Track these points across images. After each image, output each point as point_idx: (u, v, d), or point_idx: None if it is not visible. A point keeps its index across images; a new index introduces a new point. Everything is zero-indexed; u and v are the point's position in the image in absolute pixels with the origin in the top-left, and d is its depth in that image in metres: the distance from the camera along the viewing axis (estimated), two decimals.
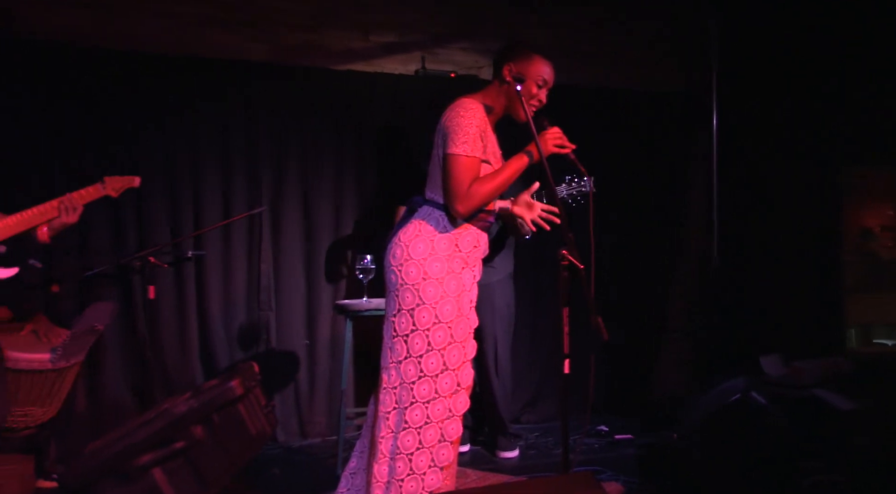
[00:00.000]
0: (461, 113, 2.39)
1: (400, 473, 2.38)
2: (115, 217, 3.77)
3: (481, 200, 2.38)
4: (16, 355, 2.99)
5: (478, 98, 2.49)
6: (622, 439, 3.95)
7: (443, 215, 2.44)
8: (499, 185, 2.40)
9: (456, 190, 2.35)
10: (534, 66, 2.49)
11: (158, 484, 2.79)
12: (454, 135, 2.36)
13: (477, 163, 2.38)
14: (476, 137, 2.37)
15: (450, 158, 2.36)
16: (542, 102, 2.53)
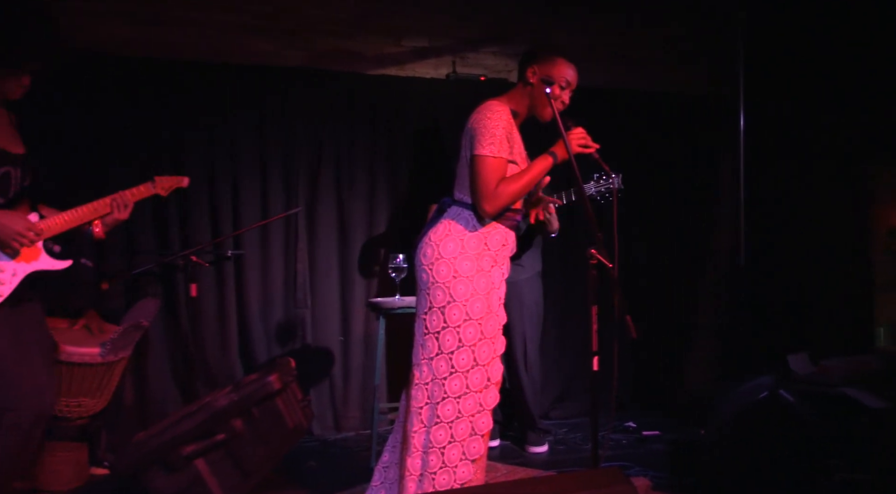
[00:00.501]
0: (487, 115, 2.42)
1: (433, 466, 2.41)
2: (160, 219, 3.86)
3: (508, 199, 2.41)
4: (70, 349, 3.09)
5: (504, 100, 2.51)
6: (650, 435, 3.94)
7: (471, 214, 2.46)
8: (525, 184, 2.43)
9: (483, 190, 2.38)
10: (557, 68, 2.50)
11: (201, 474, 2.86)
12: (481, 137, 2.39)
13: (503, 163, 2.41)
14: (502, 138, 2.40)
15: (477, 159, 2.39)
16: (565, 103, 2.54)
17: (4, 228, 2.24)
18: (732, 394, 3.02)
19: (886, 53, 4.02)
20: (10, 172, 2.31)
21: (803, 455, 2.79)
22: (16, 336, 2.28)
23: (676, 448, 3.28)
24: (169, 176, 2.69)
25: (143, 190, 2.59)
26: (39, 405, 2.32)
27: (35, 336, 2.40)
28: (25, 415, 2.26)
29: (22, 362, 2.28)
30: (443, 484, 2.40)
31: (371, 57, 4.21)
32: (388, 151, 4.25)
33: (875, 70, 4.09)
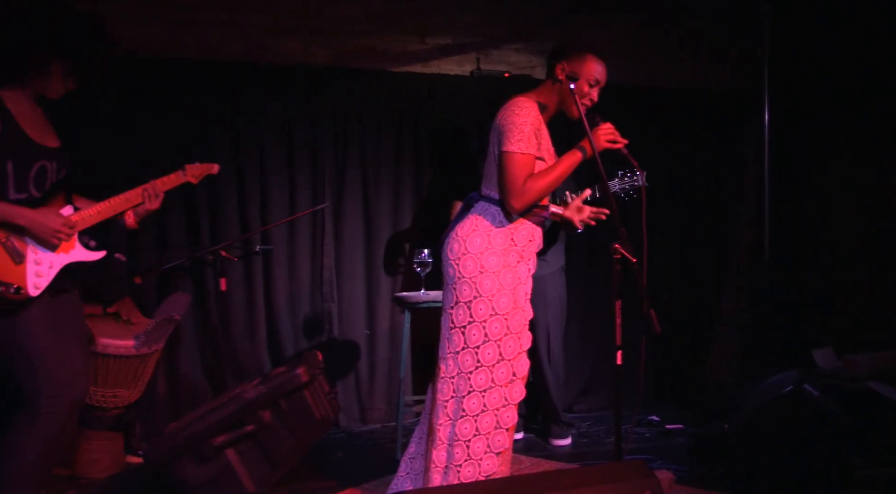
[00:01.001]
0: (515, 111, 2.41)
1: (458, 459, 2.41)
2: (191, 215, 3.90)
3: (536, 195, 2.39)
4: (105, 341, 3.14)
5: (531, 97, 2.50)
6: (673, 429, 3.91)
7: (499, 210, 2.45)
8: (553, 180, 2.41)
9: (511, 186, 2.37)
10: (586, 65, 2.47)
11: (231, 464, 2.90)
12: (509, 133, 2.38)
13: (531, 160, 2.39)
14: (530, 134, 2.38)
15: (505, 155, 2.38)
16: (594, 100, 2.52)
17: (42, 226, 2.28)
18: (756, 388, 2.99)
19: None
20: (46, 165, 2.35)
21: (828, 449, 2.76)
22: (55, 326, 2.33)
23: (700, 441, 3.26)
24: (199, 164, 2.70)
25: (173, 178, 2.60)
26: (75, 392, 2.37)
27: (73, 326, 2.45)
28: (62, 402, 2.31)
29: (60, 351, 2.32)
30: (468, 476, 2.41)
31: (396, 55, 4.21)
32: (413, 148, 4.25)
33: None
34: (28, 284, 2.24)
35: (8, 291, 2.18)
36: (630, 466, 1.96)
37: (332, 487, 3.04)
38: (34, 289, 2.25)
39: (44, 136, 2.37)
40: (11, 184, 2.26)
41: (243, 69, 3.95)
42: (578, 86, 2.46)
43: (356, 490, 3.01)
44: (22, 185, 2.29)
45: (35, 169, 2.32)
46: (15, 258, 2.24)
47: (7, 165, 2.25)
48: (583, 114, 2.41)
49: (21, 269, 2.24)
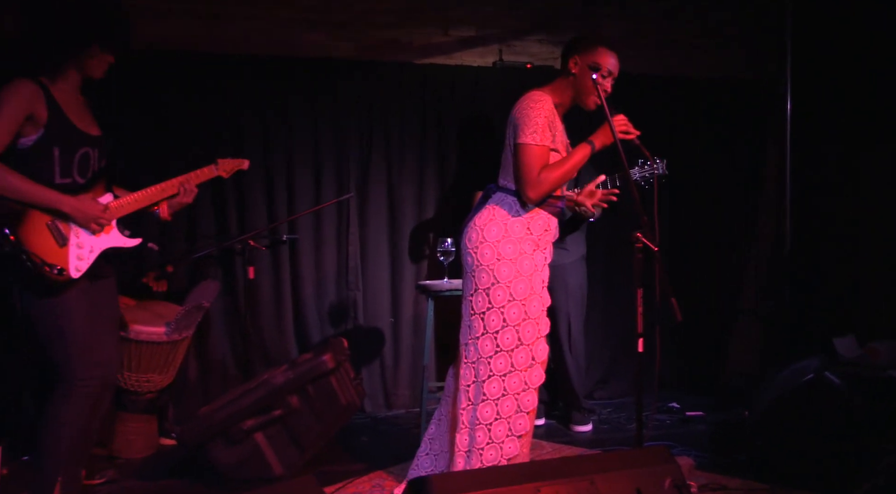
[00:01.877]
0: (530, 105, 2.43)
1: (480, 442, 2.44)
2: (219, 205, 3.94)
3: (551, 185, 2.42)
4: (138, 328, 3.20)
5: (546, 91, 2.52)
6: (693, 416, 3.89)
7: (515, 200, 2.48)
8: (566, 171, 2.43)
9: (526, 177, 2.39)
10: (599, 57, 2.48)
11: (260, 447, 2.95)
12: (524, 125, 2.40)
13: (546, 151, 2.42)
14: (545, 126, 2.41)
15: (520, 147, 2.41)
16: (607, 91, 2.52)
17: (83, 213, 2.33)
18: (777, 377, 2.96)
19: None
20: (89, 152, 2.41)
21: (849, 437, 2.72)
22: (91, 311, 2.38)
23: (720, 428, 3.24)
24: (231, 159, 2.75)
25: (206, 172, 2.66)
26: (106, 375, 2.43)
27: (108, 311, 2.50)
28: (93, 384, 2.36)
29: (94, 335, 2.38)
30: (490, 459, 2.43)
31: (419, 47, 4.20)
32: (437, 138, 4.25)
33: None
34: (70, 266, 2.29)
35: (52, 271, 2.23)
36: (652, 452, 1.96)
37: (358, 470, 3.07)
38: (76, 271, 2.30)
39: (87, 124, 2.43)
40: (57, 169, 2.32)
41: (269, 63, 3.96)
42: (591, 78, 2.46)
43: (381, 472, 3.03)
44: (67, 170, 2.34)
45: (79, 155, 2.37)
46: (59, 241, 2.29)
47: (54, 151, 2.31)
48: (604, 102, 2.41)
49: (64, 251, 2.30)
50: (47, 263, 2.23)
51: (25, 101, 2.25)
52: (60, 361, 2.32)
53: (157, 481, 3.01)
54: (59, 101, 2.34)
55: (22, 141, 2.28)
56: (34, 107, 2.27)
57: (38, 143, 2.28)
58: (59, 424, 2.33)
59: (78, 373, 2.32)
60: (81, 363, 2.32)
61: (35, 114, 2.27)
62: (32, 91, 2.27)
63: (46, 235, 2.27)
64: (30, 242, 2.22)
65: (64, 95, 2.36)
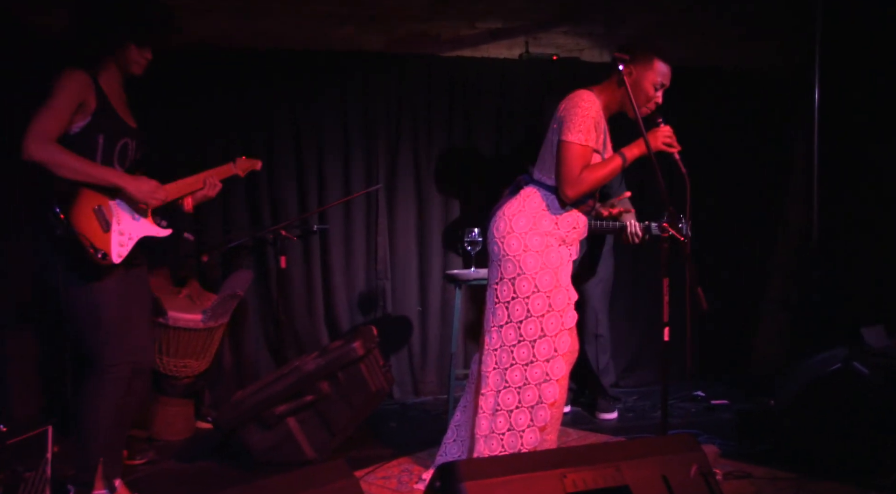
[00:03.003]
0: (578, 103, 2.40)
1: (500, 427, 2.44)
2: (252, 197, 3.98)
3: (590, 186, 2.40)
4: (176, 315, 3.25)
5: (595, 91, 2.49)
6: (718, 404, 3.84)
7: (547, 194, 2.47)
8: (607, 174, 2.41)
9: (567, 175, 2.38)
10: (654, 69, 2.45)
11: (292, 431, 2.98)
12: (569, 123, 2.38)
13: (589, 151, 2.40)
14: (590, 127, 2.38)
15: (563, 144, 2.38)
16: (658, 103, 2.49)
17: (139, 189, 2.39)
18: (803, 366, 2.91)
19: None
20: (129, 143, 2.46)
21: (876, 427, 2.67)
22: (125, 298, 2.42)
23: (745, 417, 3.19)
24: (248, 159, 2.80)
25: (225, 169, 2.73)
26: (138, 362, 2.47)
27: (141, 299, 2.55)
28: (125, 370, 2.40)
29: (127, 322, 2.42)
30: (511, 445, 2.43)
31: (446, 40, 4.18)
32: (464, 130, 4.23)
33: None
34: (113, 251, 2.34)
35: (96, 255, 2.28)
36: (677, 439, 1.93)
37: (386, 455, 3.09)
38: (117, 257, 2.35)
39: (127, 116, 2.49)
40: (99, 156, 2.38)
41: (299, 57, 3.98)
42: (643, 90, 2.44)
43: (409, 457, 3.05)
44: (108, 158, 2.40)
45: (120, 145, 2.42)
46: (104, 226, 2.34)
47: (98, 138, 2.36)
48: (640, 120, 2.37)
49: (108, 237, 2.34)
50: (95, 246, 2.27)
51: (78, 89, 2.30)
52: (93, 345, 2.36)
53: (193, 462, 3.07)
54: (106, 91, 2.40)
55: (70, 128, 2.33)
56: (85, 95, 2.32)
57: (84, 130, 2.34)
58: (93, 409, 2.38)
59: (108, 358, 2.36)
60: (112, 349, 2.36)
61: (86, 102, 2.33)
62: (84, 80, 2.33)
63: (93, 219, 2.31)
64: (80, 224, 2.26)
65: (109, 87, 2.42)
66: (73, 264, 2.29)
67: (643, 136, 2.37)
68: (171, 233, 2.54)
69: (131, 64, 2.43)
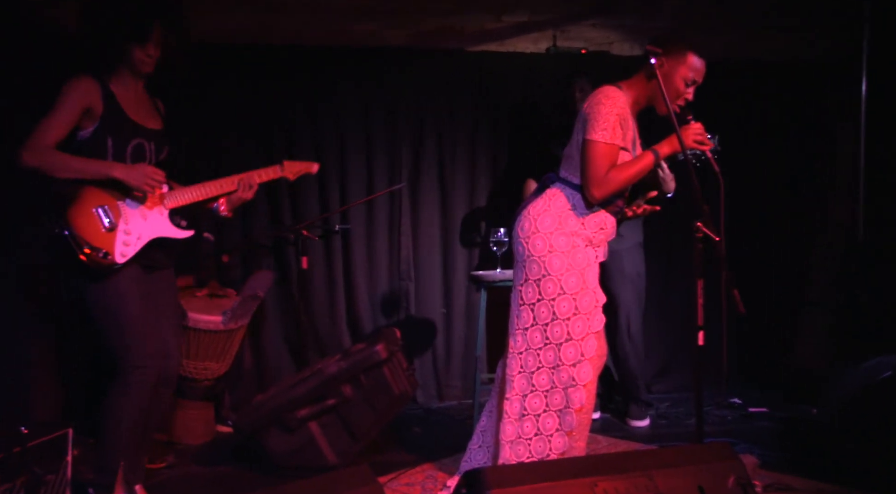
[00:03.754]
0: (602, 100, 2.38)
1: (527, 432, 2.42)
2: (273, 196, 4.00)
3: (617, 186, 2.38)
4: (196, 316, 3.28)
5: (621, 87, 2.46)
6: (757, 412, 3.78)
7: (573, 193, 2.45)
8: (636, 173, 2.39)
9: (593, 175, 2.36)
10: (686, 64, 2.41)
11: (314, 436, 2.99)
12: (594, 121, 2.36)
13: (615, 150, 2.37)
14: (615, 124, 2.35)
15: (589, 143, 2.37)
16: (689, 100, 2.46)
17: (135, 174, 2.38)
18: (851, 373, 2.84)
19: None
20: (143, 144, 2.49)
21: None
22: (148, 300, 2.45)
23: (786, 426, 3.14)
24: (299, 161, 2.75)
25: (269, 172, 2.69)
26: (163, 365, 2.49)
27: (166, 302, 2.57)
28: (150, 373, 2.43)
29: (150, 323, 2.45)
30: (538, 451, 2.41)
31: (471, 34, 4.17)
32: (489, 127, 4.22)
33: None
34: (115, 251, 2.36)
35: (96, 254, 2.31)
36: (713, 448, 1.90)
37: (409, 461, 3.09)
38: (121, 257, 2.37)
39: (145, 118, 2.52)
40: (110, 157, 2.41)
41: (321, 53, 4.00)
42: (674, 85, 2.41)
43: (433, 464, 3.05)
44: (120, 160, 2.43)
45: (132, 146, 2.46)
46: (107, 226, 2.37)
47: (107, 141, 2.41)
48: (673, 115, 2.33)
49: (111, 236, 2.37)
50: (93, 246, 2.30)
51: (82, 95, 2.36)
52: (116, 347, 2.40)
53: (214, 467, 3.09)
54: (117, 94, 2.44)
55: (80, 134, 2.39)
56: (91, 101, 2.37)
57: (93, 134, 2.39)
58: (118, 412, 2.41)
59: (132, 361, 2.39)
60: (136, 352, 2.39)
61: (92, 107, 2.38)
62: (89, 85, 2.38)
63: (93, 219, 2.34)
64: (77, 224, 2.30)
65: (121, 89, 2.46)
66: (72, 263, 2.32)
67: (676, 132, 2.33)
68: (192, 234, 2.56)
69: (138, 64, 2.45)
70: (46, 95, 2.38)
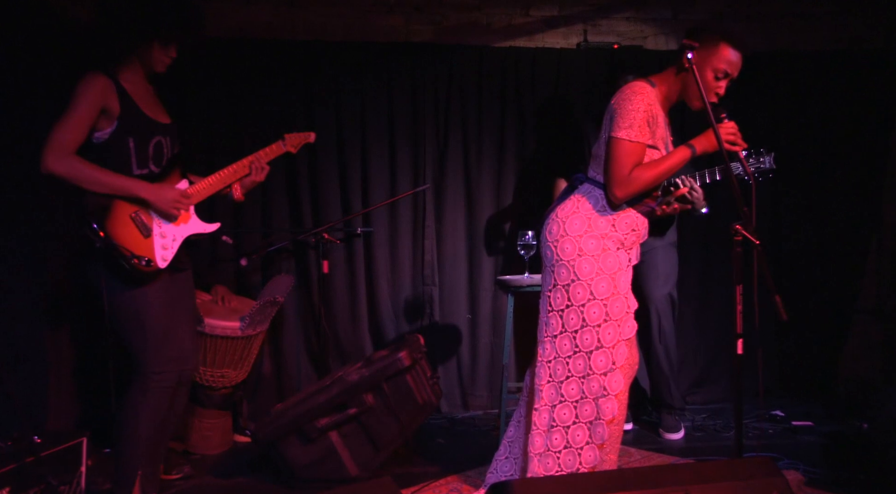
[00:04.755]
0: (630, 96, 2.35)
1: (556, 445, 2.40)
2: (293, 197, 4.03)
3: (641, 186, 2.35)
4: (213, 322, 3.31)
5: (651, 82, 2.43)
6: (801, 425, 3.70)
7: (603, 194, 2.42)
8: (661, 173, 2.36)
9: (616, 174, 2.33)
10: (719, 53, 2.36)
11: (335, 446, 2.99)
12: (620, 118, 2.33)
13: (641, 148, 2.34)
14: (642, 122, 2.33)
15: (614, 141, 2.34)
16: (720, 94, 2.41)
17: (162, 199, 2.45)
18: None
19: None
20: (162, 141, 2.53)
21: None
22: (170, 303, 2.49)
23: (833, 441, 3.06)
24: (297, 133, 2.83)
25: (274, 149, 2.76)
26: (182, 370, 2.53)
27: (185, 305, 2.61)
28: (170, 377, 2.46)
29: (172, 328, 2.48)
30: (568, 465, 2.38)
31: (499, 29, 4.16)
32: (517, 126, 4.20)
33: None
34: (157, 256, 2.41)
35: (140, 263, 2.35)
36: (755, 463, 1.86)
37: (433, 473, 3.08)
38: (162, 261, 2.42)
39: (157, 113, 2.56)
40: (134, 160, 2.45)
41: (343, 48, 4.02)
42: (704, 77, 2.36)
43: (458, 476, 3.03)
44: (143, 161, 2.47)
45: (153, 144, 2.50)
46: (143, 232, 2.41)
47: (129, 142, 2.44)
48: (709, 108, 2.28)
49: (149, 242, 2.41)
50: (136, 254, 2.35)
51: (99, 95, 2.37)
52: (139, 352, 2.43)
53: (231, 478, 3.11)
54: (130, 92, 2.46)
55: (97, 135, 2.41)
56: (107, 100, 2.39)
57: (113, 135, 2.41)
58: (137, 418, 2.44)
59: (154, 366, 2.42)
60: (158, 356, 2.43)
61: (108, 107, 2.40)
62: (104, 84, 2.39)
63: (132, 227, 2.38)
64: (117, 235, 2.34)
65: (133, 85, 2.48)
66: (116, 273, 2.37)
67: (713, 127, 2.29)
68: (218, 227, 2.61)
69: (155, 63, 2.49)
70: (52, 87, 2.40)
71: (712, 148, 2.36)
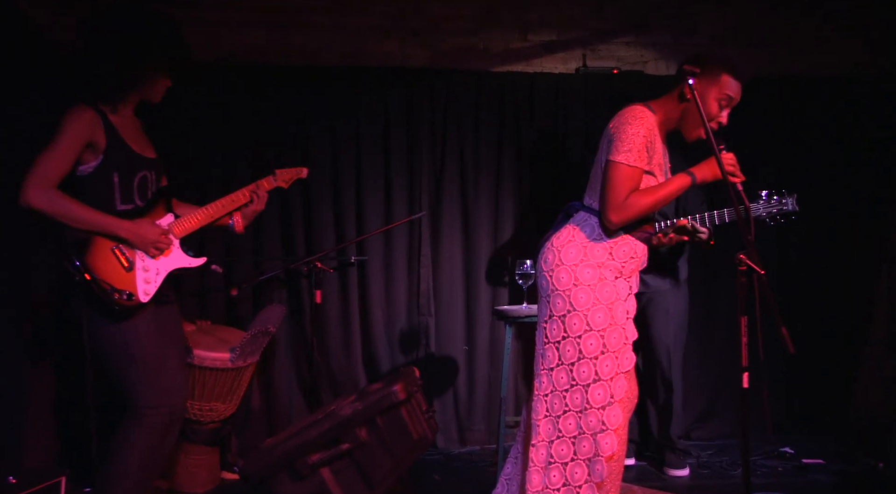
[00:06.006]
0: (630, 120, 2.37)
1: (555, 483, 2.39)
2: (286, 225, 4.05)
3: (637, 213, 2.36)
4: (202, 353, 3.30)
5: (650, 106, 2.45)
6: (811, 463, 3.68)
7: (599, 222, 2.43)
8: (658, 200, 2.37)
9: (612, 199, 2.35)
10: (721, 83, 2.40)
11: (327, 483, 2.96)
12: (618, 142, 2.36)
13: (638, 173, 2.36)
14: (641, 146, 2.35)
15: (611, 165, 2.36)
16: (722, 123, 2.44)
17: (141, 238, 2.47)
18: None
19: None
20: (147, 175, 2.55)
21: None
22: (158, 336, 2.50)
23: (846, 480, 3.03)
24: (289, 169, 2.86)
25: (263, 184, 2.79)
26: (176, 403, 2.52)
27: (173, 337, 2.61)
28: (163, 412, 2.46)
29: (162, 361, 2.49)
30: None
31: (496, 54, 4.22)
32: (515, 152, 4.24)
33: None
34: (139, 290, 2.42)
35: (122, 297, 2.36)
36: None
37: None
38: (144, 295, 2.43)
39: (143, 147, 2.59)
40: (118, 195, 2.47)
41: (337, 73, 4.07)
42: (707, 106, 2.39)
43: None
44: (127, 196, 2.49)
45: (138, 179, 2.52)
46: (126, 266, 2.42)
47: (113, 177, 2.46)
48: (712, 137, 2.29)
49: (131, 276, 2.43)
50: (116, 289, 2.36)
51: (85, 129, 2.40)
52: (130, 388, 2.43)
53: None
54: (117, 126, 2.49)
55: (81, 168, 2.44)
56: (93, 134, 2.42)
57: (97, 169, 2.44)
58: (128, 456, 2.43)
59: (146, 401, 2.42)
60: (150, 391, 2.43)
61: (94, 141, 2.43)
62: (91, 119, 2.42)
63: (113, 261, 2.40)
64: (98, 268, 2.36)
65: (121, 119, 2.52)
66: (98, 308, 2.38)
67: (716, 156, 2.31)
68: (204, 261, 2.62)
69: (156, 95, 2.54)
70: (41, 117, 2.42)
71: (713, 177, 2.38)
